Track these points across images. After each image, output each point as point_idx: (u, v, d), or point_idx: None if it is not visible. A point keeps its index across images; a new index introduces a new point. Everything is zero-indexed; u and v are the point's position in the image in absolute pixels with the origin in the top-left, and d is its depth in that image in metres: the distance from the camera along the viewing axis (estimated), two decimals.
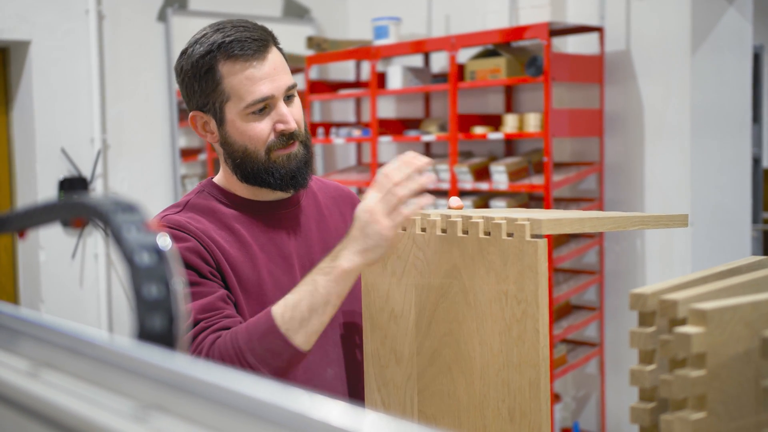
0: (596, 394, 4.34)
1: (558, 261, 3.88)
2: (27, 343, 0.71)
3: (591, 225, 1.40)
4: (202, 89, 1.59)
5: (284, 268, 1.64)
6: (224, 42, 1.55)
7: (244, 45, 1.56)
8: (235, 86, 1.56)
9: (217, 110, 1.59)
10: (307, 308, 1.42)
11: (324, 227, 1.73)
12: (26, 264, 4.62)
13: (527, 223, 1.34)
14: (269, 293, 1.59)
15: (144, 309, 0.66)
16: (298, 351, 1.42)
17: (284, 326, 1.41)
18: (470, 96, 4.74)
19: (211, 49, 1.56)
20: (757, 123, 5.59)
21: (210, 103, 1.59)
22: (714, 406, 0.93)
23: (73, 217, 0.77)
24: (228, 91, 1.57)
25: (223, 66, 1.56)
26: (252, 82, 1.56)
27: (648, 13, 4.03)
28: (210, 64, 1.56)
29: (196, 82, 1.59)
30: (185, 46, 1.62)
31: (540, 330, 1.34)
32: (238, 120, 1.58)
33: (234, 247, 1.59)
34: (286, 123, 1.59)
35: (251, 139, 1.59)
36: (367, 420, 0.51)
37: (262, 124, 1.59)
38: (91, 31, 4.56)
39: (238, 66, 1.55)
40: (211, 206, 1.64)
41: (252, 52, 1.56)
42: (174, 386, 0.57)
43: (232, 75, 1.56)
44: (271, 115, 1.59)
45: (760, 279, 1.08)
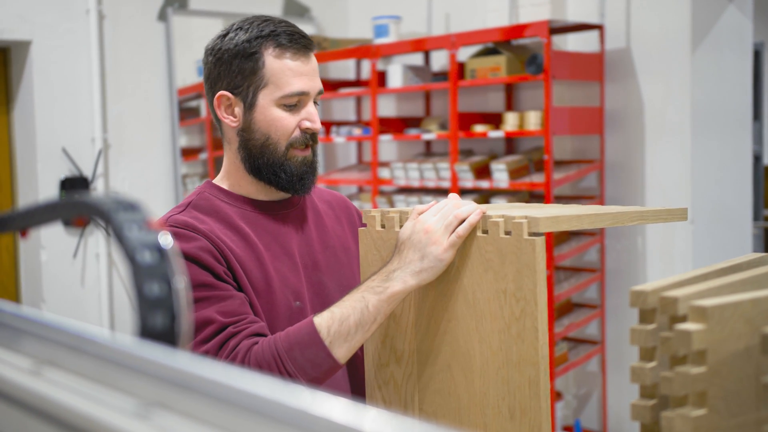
0: (597, 392, 4.35)
1: (559, 259, 3.88)
2: (30, 341, 0.71)
3: (589, 221, 1.40)
4: (240, 70, 1.60)
5: (289, 265, 1.64)
6: (275, 31, 1.60)
7: (293, 38, 1.60)
8: (276, 74, 1.59)
9: (250, 94, 1.61)
10: (354, 324, 1.45)
11: (322, 228, 1.75)
12: (28, 263, 4.63)
13: (525, 222, 1.34)
14: (277, 291, 1.60)
15: (146, 307, 0.67)
16: (338, 364, 1.46)
17: (328, 339, 1.45)
18: (471, 94, 4.74)
19: (260, 35, 1.60)
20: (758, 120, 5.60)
21: (244, 86, 1.61)
22: (714, 403, 0.94)
23: (74, 216, 0.77)
24: (267, 78, 1.59)
25: (268, 53, 1.59)
26: (294, 74, 1.59)
27: (648, 10, 4.03)
28: (256, 48, 1.59)
29: (236, 62, 1.60)
30: (224, 30, 1.65)
31: (539, 328, 1.34)
32: (270, 107, 1.60)
33: (240, 246, 1.60)
34: (314, 122, 1.62)
35: (277, 129, 1.61)
36: (368, 416, 0.51)
37: (290, 118, 1.61)
38: (92, 31, 4.56)
39: (284, 56, 1.59)
40: (214, 205, 1.65)
41: (300, 47, 1.61)
42: (176, 384, 0.57)
43: (275, 63, 1.59)
44: (300, 112, 1.62)
45: (760, 276, 1.09)
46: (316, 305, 1.65)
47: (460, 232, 1.43)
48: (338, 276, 1.71)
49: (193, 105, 5.12)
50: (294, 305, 1.62)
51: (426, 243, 1.44)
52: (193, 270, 1.52)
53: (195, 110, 5.14)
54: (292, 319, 1.59)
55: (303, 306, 1.63)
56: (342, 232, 1.79)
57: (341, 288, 1.69)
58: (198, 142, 5.17)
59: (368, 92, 4.60)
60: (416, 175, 4.41)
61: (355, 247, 1.76)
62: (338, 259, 1.73)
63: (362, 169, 5.02)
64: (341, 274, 1.71)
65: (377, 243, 1.58)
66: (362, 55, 4.63)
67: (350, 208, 1.86)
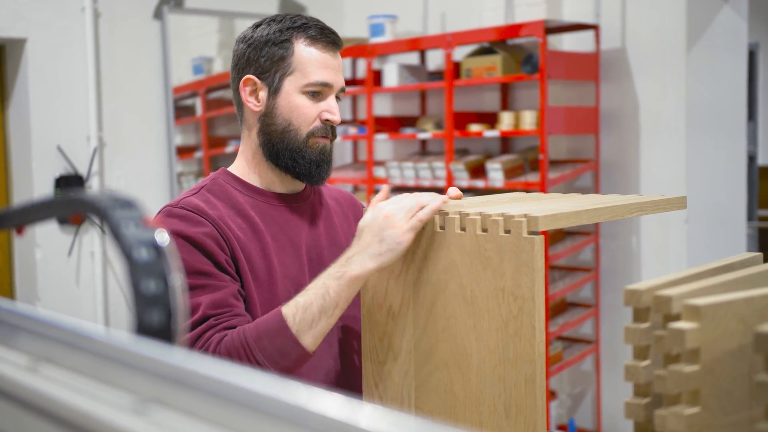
0: (592, 391, 4.36)
1: (554, 258, 3.89)
2: (26, 338, 0.72)
3: (588, 217, 1.41)
4: (270, 56, 1.65)
5: (294, 258, 1.66)
6: (306, 24, 1.66)
7: (324, 33, 1.67)
8: (304, 62, 1.64)
9: (276, 80, 1.65)
10: (317, 310, 1.47)
11: (330, 224, 1.77)
12: (23, 261, 4.62)
13: (524, 220, 1.34)
14: (279, 282, 1.62)
15: (142, 304, 0.67)
16: (306, 351, 1.48)
17: (295, 327, 1.46)
18: (466, 93, 4.75)
19: (293, 26, 1.66)
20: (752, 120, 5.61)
21: (272, 71, 1.65)
22: (708, 401, 0.94)
23: (71, 214, 0.77)
24: (295, 65, 1.65)
25: (299, 42, 1.65)
26: (321, 65, 1.65)
27: (643, 10, 4.03)
28: (287, 37, 1.65)
29: (266, 48, 1.66)
30: (257, 22, 1.71)
31: (536, 326, 1.35)
32: (294, 94, 1.65)
33: (247, 234, 1.62)
34: (333, 114, 1.67)
35: (298, 116, 1.65)
36: (364, 412, 0.51)
37: (313, 107, 1.66)
38: (87, 29, 4.56)
39: (314, 47, 1.65)
40: (227, 192, 1.67)
41: (329, 41, 1.67)
42: (173, 380, 0.57)
43: (305, 52, 1.65)
44: (321, 103, 1.66)
45: (753, 275, 1.09)
46: None
47: (421, 215, 1.46)
48: None
49: (188, 103, 5.12)
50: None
51: (384, 226, 1.47)
52: (195, 256, 1.54)
53: (190, 108, 5.14)
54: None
55: None
56: (349, 229, 1.81)
57: None
58: (193, 140, 5.17)
59: (364, 91, 4.60)
60: (412, 174, 4.41)
61: None
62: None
63: (358, 168, 5.02)
64: None
65: None
66: (358, 54, 4.63)
67: (357, 206, 1.89)
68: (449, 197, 1.66)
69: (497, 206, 1.48)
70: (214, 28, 5.10)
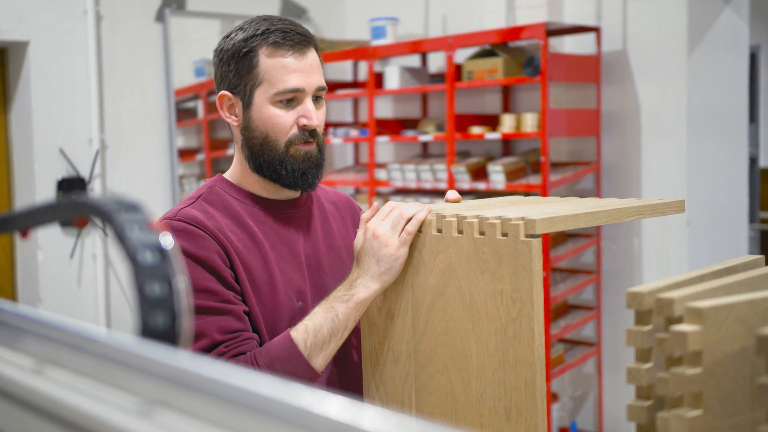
0: (593, 394, 4.35)
1: (555, 261, 3.89)
2: (31, 340, 0.72)
3: (586, 220, 1.41)
4: (237, 70, 1.62)
5: (294, 266, 1.66)
6: (269, 29, 1.61)
7: (287, 36, 1.61)
8: (270, 72, 1.60)
9: (247, 93, 1.63)
10: (327, 333, 1.52)
11: (328, 229, 1.76)
12: (25, 264, 4.62)
13: (521, 223, 1.34)
14: (281, 292, 1.61)
15: (147, 307, 0.67)
16: (317, 373, 1.52)
17: (306, 351, 1.50)
18: (467, 96, 4.75)
19: (255, 34, 1.61)
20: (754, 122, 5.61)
21: (242, 85, 1.63)
22: (710, 404, 0.94)
23: (76, 217, 0.78)
24: (261, 76, 1.61)
25: (262, 51, 1.61)
26: (287, 71, 1.60)
27: (645, 13, 4.04)
28: (251, 47, 1.61)
29: (234, 62, 1.63)
30: (229, 31, 1.67)
31: (535, 329, 1.35)
32: (265, 106, 1.62)
33: (246, 244, 1.61)
34: (310, 119, 1.63)
35: (273, 127, 1.63)
36: (366, 415, 0.51)
37: (287, 116, 1.62)
38: (89, 32, 4.56)
39: (277, 54, 1.60)
40: (224, 200, 1.66)
41: (293, 44, 1.61)
42: (178, 382, 0.57)
43: (269, 61, 1.61)
44: (296, 109, 1.63)
45: (755, 278, 1.09)
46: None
47: (409, 228, 1.50)
48: (341, 278, 1.71)
49: (190, 106, 5.12)
50: (297, 305, 1.63)
51: (378, 247, 1.51)
52: (198, 273, 1.53)
53: (192, 111, 5.15)
54: (294, 320, 1.60)
55: (305, 306, 1.64)
56: (346, 233, 1.80)
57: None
58: (195, 142, 5.17)
59: (365, 93, 4.61)
60: (413, 177, 4.41)
61: None
62: (342, 261, 1.74)
63: (359, 171, 5.02)
64: (344, 276, 1.71)
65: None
66: (359, 56, 4.63)
67: (355, 209, 1.88)
68: (447, 200, 1.68)
69: (495, 209, 1.48)
70: (216, 30, 5.11)
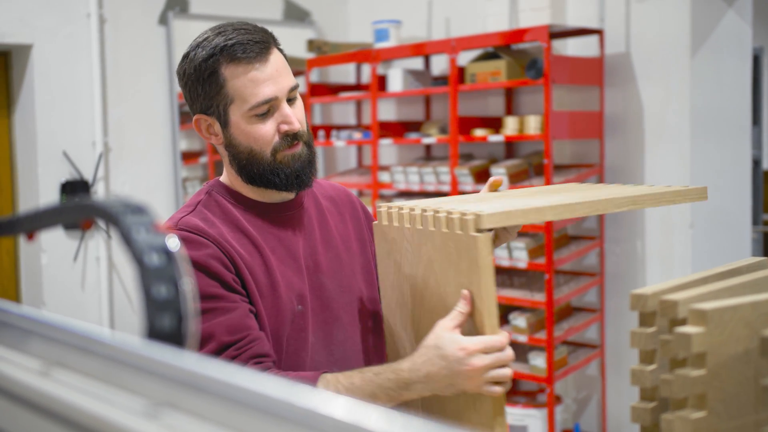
0: (597, 396, 4.35)
1: (558, 263, 3.89)
2: (39, 342, 0.72)
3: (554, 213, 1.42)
4: (205, 92, 1.59)
5: (293, 268, 1.65)
6: (226, 45, 1.56)
7: (246, 47, 1.56)
8: (239, 89, 1.57)
9: (221, 113, 1.60)
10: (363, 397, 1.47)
11: (326, 228, 1.75)
12: (28, 267, 4.63)
13: (471, 218, 1.37)
14: (283, 295, 1.61)
15: (153, 309, 0.67)
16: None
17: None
18: (470, 98, 4.75)
19: (214, 53, 1.56)
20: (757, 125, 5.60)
21: (214, 105, 1.60)
22: (714, 405, 0.94)
23: (82, 219, 0.78)
24: (231, 94, 1.58)
25: (226, 69, 1.56)
26: (255, 84, 1.57)
27: (648, 15, 4.04)
28: (213, 68, 1.57)
29: (200, 85, 1.59)
30: (187, 50, 1.62)
31: (486, 323, 1.39)
32: (243, 122, 1.59)
33: (247, 249, 1.61)
34: (290, 124, 1.60)
35: (256, 140, 1.60)
36: (372, 415, 0.52)
37: (267, 126, 1.60)
38: (93, 35, 4.57)
39: (240, 68, 1.56)
40: (223, 207, 1.65)
41: (254, 54, 1.56)
42: (185, 384, 0.58)
43: (235, 78, 1.57)
44: (274, 116, 1.60)
45: (759, 279, 1.10)
46: (315, 307, 1.66)
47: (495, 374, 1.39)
48: (339, 277, 1.71)
49: None
50: (296, 309, 1.63)
51: (461, 376, 1.40)
52: (202, 280, 1.52)
53: None
54: (294, 323, 1.60)
55: (305, 309, 1.64)
56: (344, 229, 1.78)
57: (341, 289, 1.70)
58: (198, 145, 5.18)
59: (368, 96, 4.61)
60: (416, 179, 4.42)
61: (357, 244, 1.78)
62: (340, 260, 1.73)
63: (362, 173, 5.03)
64: (342, 275, 1.72)
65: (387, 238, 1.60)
66: (362, 59, 4.64)
67: (354, 202, 1.86)
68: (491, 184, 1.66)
69: (465, 204, 1.51)
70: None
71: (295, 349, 1.61)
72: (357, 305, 1.72)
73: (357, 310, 1.72)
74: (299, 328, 1.62)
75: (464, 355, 1.39)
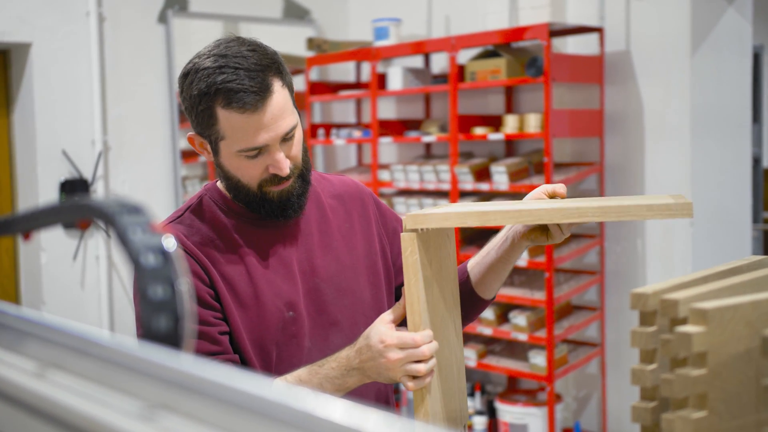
0: (597, 394, 4.35)
1: (559, 261, 3.89)
2: (34, 344, 0.72)
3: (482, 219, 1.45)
4: (199, 121, 1.57)
5: (284, 275, 1.63)
6: (223, 88, 1.51)
7: (243, 97, 1.51)
8: (230, 130, 1.54)
9: (212, 142, 1.58)
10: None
11: (326, 230, 1.72)
12: (28, 266, 4.63)
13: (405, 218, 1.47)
14: (268, 303, 1.60)
15: (150, 310, 0.67)
16: None
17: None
18: (470, 97, 4.75)
19: (209, 91, 1.52)
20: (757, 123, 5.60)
21: (206, 134, 1.58)
22: (715, 405, 0.94)
23: (78, 219, 0.77)
24: (223, 132, 1.55)
25: (220, 110, 1.53)
26: (247, 131, 1.53)
27: (648, 13, 4.03)
28: (208, 105, 1.53)
29: (195, 113, 1.57)
30: (188, 66, 1.57)
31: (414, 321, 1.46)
32: (232, 157, 1.57)
33: (230, 258, 1.60)
34: (279, 169, 1.57)
35: (243, 175, 1.59)
36: (371, 419, 0.51)
37: (255, 165, 1.57)
38: (92, 33, 4.57)
39: (235, 115, 1.52)
40: (212, 214, 1.64)
41: (251, 103, 1.51)
42: (181, 386, 0.57)
43: (228, 120, 1.53)
44: (264, 157, 1.57)
45: (760, 278, 1.09)
46: (311, 312, 1.65)
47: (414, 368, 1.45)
48: (338, 280, 1.69)
49: None
50: (287, 315, 1.61)
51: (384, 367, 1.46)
52: None
53: None
54: (285, 330, 1.60)
55: (297, 315, 1.62)
56: (349, 229, 1.75)
57: (340, 293, 1.68)
58: None
59: (368, 94, 4.60)
60: (416, 178, 4.41)
61: (363, 243, 1.75)
62: (340, 263, 1.70)
63: (362, 172, 5.02)
64: (341, 278, 1.69)
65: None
66: (362, 57, 4.63)
67: (364, 199, 1.81)
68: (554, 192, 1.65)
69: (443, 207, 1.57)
70: (219, 31, 5.11)
71: (289, 356, 1.61)
72: (358, 308, 1.70)
73: (358, 313, 1.69)
74: (291, 335, 1.62)
75: (383, 348, 1.46)
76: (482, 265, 1.77)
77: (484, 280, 1.78)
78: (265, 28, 5.18)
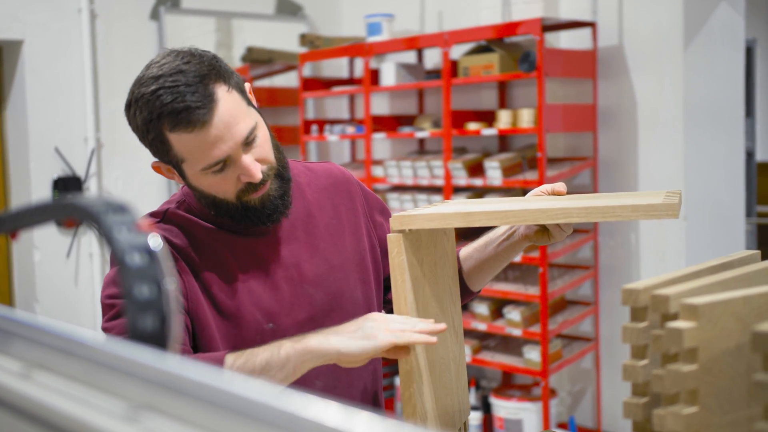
0: (592, 389, 4.35)
1: (552, 256, 3.89)
2: (19, 344, 0.71)
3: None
4: (155, 149, 1.50)
5: (265, 284, 1.57)
6: (165, 111, 1.43)
7: (187, 116, 1.42)
8: (185, 152, 1.46)
9: (175, 166, 1.51)
10: (261, 364, 1.40)
11: (312, 231, 1.65)
12: (21, 264, 4.62)
13: (391, 219, 1.48)
14: (247, 314, 1.54)
15: (135, 309, 0.66)
16: None
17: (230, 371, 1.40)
18: (463, 92, 4.74)
19: (152, 118, 1.44)
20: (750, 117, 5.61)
21: (166, 160, 1.51)
22: (706, 401, 0.94)
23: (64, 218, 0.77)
24: (180, 155, 1.47)
25: (169, 134, 1.45)
26: (203, 149, 1.45)
27: (640, 7, 4.03)
28: (156, 132, 1.45)
29: (147, 143, 1.50)
30: (129, 96, 1.50)
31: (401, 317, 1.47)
32: (199, 176, 1.50)
33: (209, 267, 1.54)
34: (250, 176, 1.49)
35: (217, 192, 1.51)
36: (359, 420, 0.51)
37: (225, 179, 1.50)
38: (84, 30, 4.55)
39: (184, 135, 1.44)
40: (190, 220, 1.58)
41: (197, 121, 1.43)
42: (166, 386, 0.57)
43: (180, 143, 1.45)
44: (232, 168, 1.49)
45: (751, 273, 1.09)
46: (301, 320, 1.58)
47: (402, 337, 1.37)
48: (327, 283, 1.63)
49: None
50: (266, 327, 1.55)
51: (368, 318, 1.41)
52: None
53: None
54: (264, 341, 1.49)
55: (276, 328, 1.56)
56: (337, 224, 1.68)
57: (329, 296, 1.62)
58: None
59: (361, 90, 4.60)
60: (410, 173, 4.41)
61: (351, 237, 1.69)
62: (329, 264, 1.64)
63: (356, 167, 5.02)
64: (331, 280, 1.63)
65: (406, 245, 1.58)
66: (355, 53, 4.62)
67: (351, 189, 1.75)
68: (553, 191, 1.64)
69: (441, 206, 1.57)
70: (211, 28, 5.10)
71: None
72: (349, 309, 1.63)
73: (349, 314, 1.61)
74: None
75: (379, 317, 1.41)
76: (477, 259, 1.75)
77: (476, 273, 1.76)
78: (257, 24, 5.17)
